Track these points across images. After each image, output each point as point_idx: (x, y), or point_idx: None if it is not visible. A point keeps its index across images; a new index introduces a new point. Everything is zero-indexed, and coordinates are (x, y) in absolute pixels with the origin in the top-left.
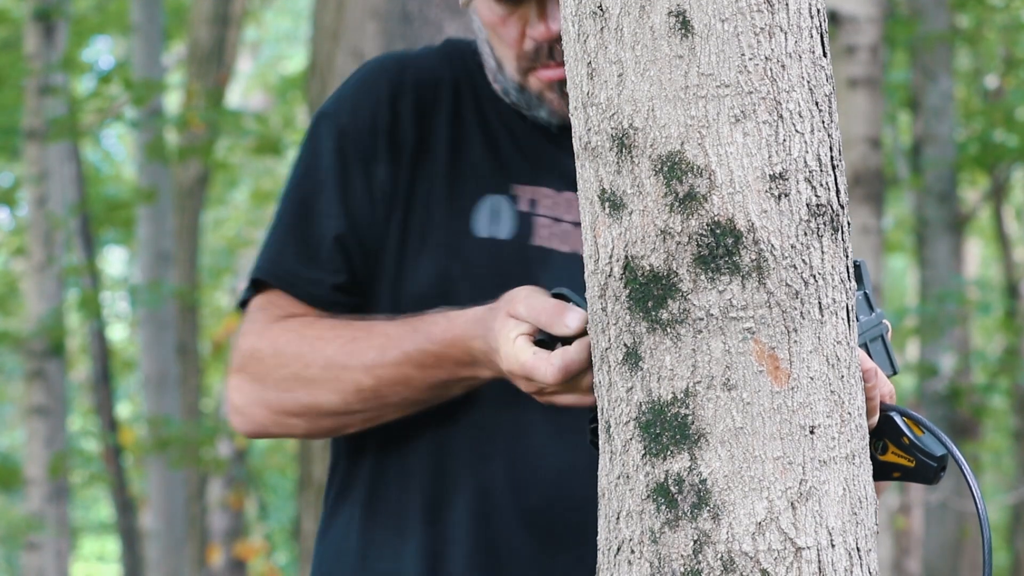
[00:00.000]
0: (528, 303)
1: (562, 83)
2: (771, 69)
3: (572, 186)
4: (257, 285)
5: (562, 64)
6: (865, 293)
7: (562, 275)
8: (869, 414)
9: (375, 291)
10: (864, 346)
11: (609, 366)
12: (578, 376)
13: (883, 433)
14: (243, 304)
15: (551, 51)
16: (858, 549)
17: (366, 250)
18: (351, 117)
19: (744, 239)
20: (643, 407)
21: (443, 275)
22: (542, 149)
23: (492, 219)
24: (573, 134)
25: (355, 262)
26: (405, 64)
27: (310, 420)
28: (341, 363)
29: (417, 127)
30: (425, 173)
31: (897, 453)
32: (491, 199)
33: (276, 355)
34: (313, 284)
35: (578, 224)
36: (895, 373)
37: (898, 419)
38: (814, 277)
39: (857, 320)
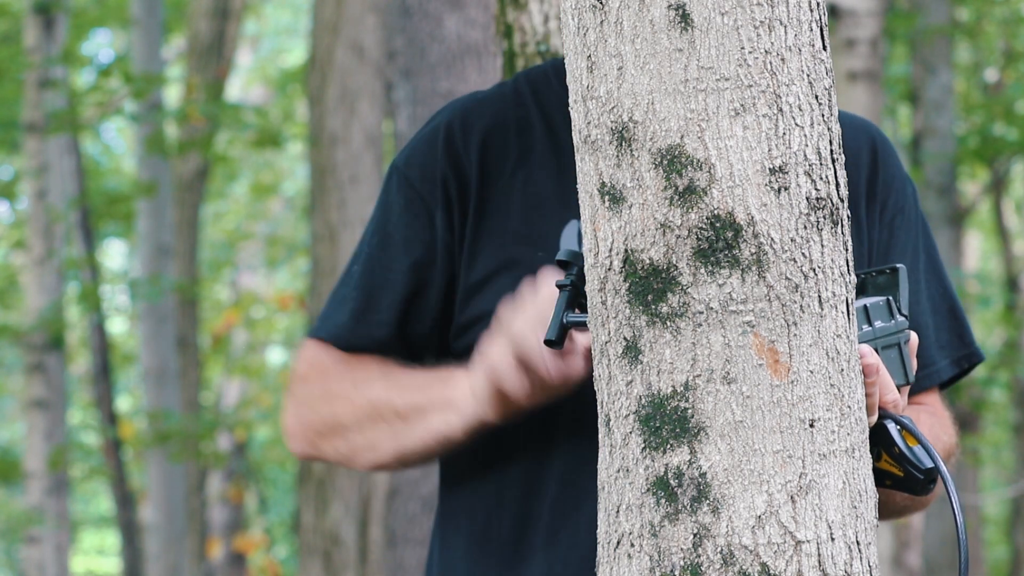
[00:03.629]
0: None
1: None
2: (771, 63)
3: None
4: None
5: None
6: (889, 299)
7: None
8: (867, 412)
9: (457, 334)
10: (875, 352)
11: (609, 360)
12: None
13: (878, 441)
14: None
15: None
16: (858, 543)
17: (429, 304)
18: (418, 170)
19: (744, 232)
20: (643, 400)
21: None
22: None
23: (578, 241)
24: (573, 127)
25: (416, 317)
26: (470, 110)
27: (330, 439)
28: (364, 382)
29: (476, 169)
30: (496, 216)
31: (889, 462)
32: (572, 224)
33: (320, 376)
34: (361, 339)
35: None
36: (908, 383)
37: (892, 429)
38: (814, 271)
39: (872, 326)
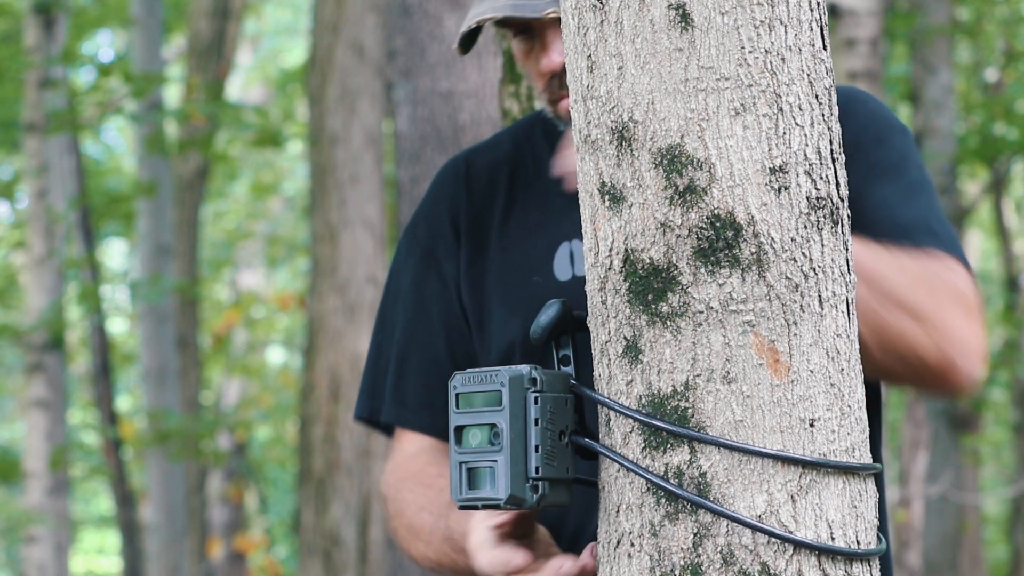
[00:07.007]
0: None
1: None
2: (771, 62)
3: None
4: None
5: None
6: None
7: None
8: None
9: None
10: None
11: (609, 359)
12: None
13: None
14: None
15: (561, 82)
16: (858, 542)
17: (465, 337)
18: (425, 226)
19: (744, 232)
20: (643, 400)
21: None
22: None
23: (570, 263)
24: (573, 127)
25: (463, 350)
26: (465, 158)
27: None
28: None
29: (473, 212)
30: (489, 247)
31: None
32: (563, 246)
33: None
34: (404, 421)
35: None
36: None
37: None
38: (814, 270)
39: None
